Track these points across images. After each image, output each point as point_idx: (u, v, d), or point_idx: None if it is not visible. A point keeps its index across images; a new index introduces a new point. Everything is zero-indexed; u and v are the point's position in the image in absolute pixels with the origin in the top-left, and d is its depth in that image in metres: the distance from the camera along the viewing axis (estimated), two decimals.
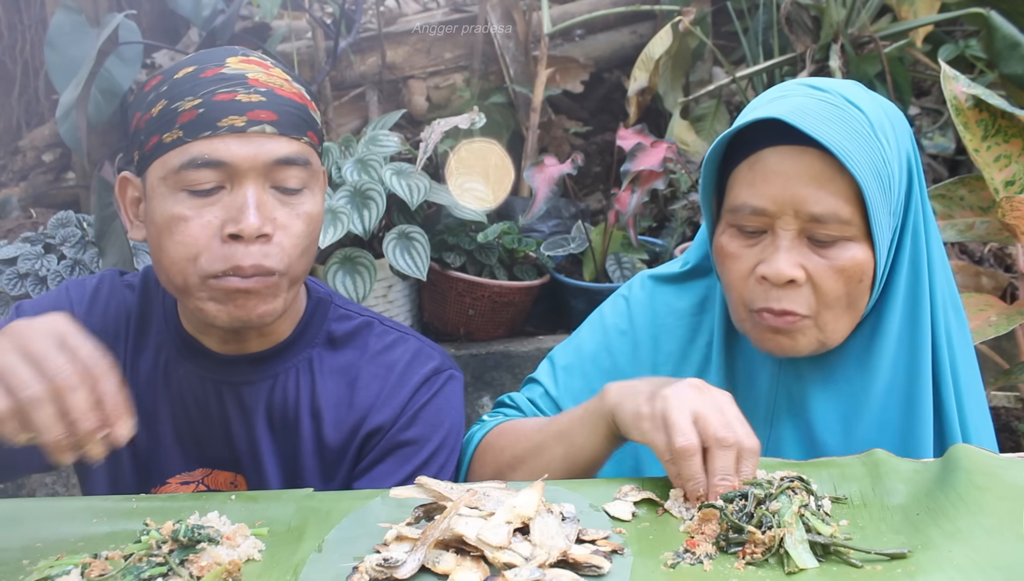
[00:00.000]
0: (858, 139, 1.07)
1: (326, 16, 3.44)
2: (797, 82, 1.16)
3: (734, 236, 1.14)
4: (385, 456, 1.20)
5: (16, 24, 3.95)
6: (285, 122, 1.10)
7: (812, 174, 1.07)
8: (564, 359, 1.35)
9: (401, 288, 2.81)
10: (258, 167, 1.08)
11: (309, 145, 1.14)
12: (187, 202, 1.08)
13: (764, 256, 1.11)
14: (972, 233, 2.20)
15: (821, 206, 1.07)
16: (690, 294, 1.30)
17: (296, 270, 1.13)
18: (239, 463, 1.22)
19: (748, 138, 1.11)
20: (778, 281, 1.09)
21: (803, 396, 1.19)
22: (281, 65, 1.17)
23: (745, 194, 1.11)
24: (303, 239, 1.12)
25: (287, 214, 1.11)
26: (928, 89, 3.64)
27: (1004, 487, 0.94)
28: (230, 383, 1.21)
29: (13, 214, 3.47)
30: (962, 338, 1.21)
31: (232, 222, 1.07)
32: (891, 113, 1.15)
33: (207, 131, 1.07)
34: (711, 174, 1.17)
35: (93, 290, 1.26)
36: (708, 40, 3.30)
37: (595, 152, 3.77)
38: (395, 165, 2.61)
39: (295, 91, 1.14)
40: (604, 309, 1.38)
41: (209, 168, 1.07)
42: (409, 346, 1.26)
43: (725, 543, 0.89)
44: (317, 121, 1.16)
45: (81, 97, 2.57)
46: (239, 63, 1.11)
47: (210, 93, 1.08)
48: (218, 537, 0.91)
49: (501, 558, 0.83)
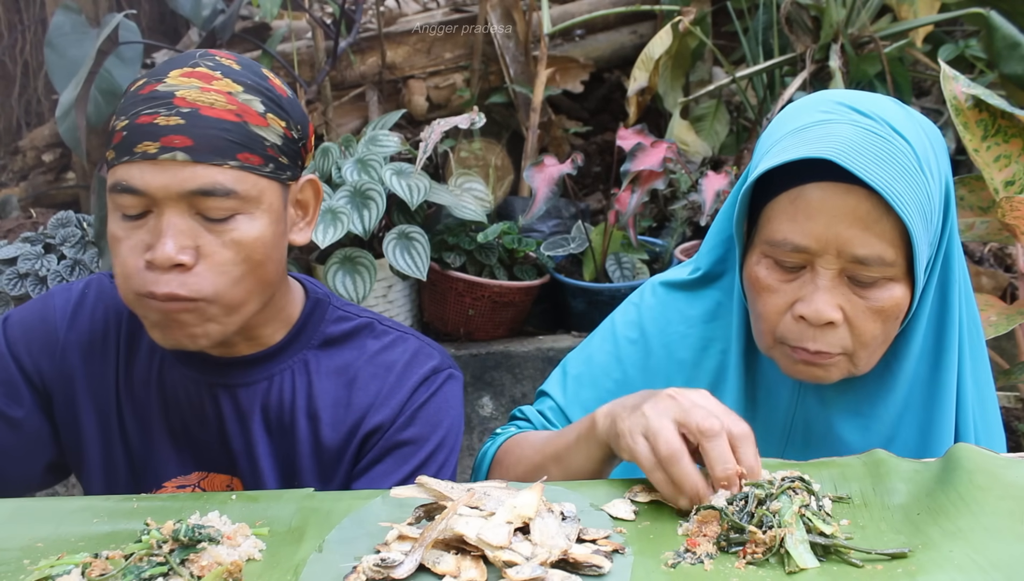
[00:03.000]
0: (906, 177, 1.02)
1: (326, 16, 3.44)
2: (836, 101, 1.10)
3: (771, 268, 1.10)
4: (384, 456, 1.20)
5: (16, 24, 3.95)
6: (203, 147, 1.04)
7: (858, 215, 1.02)
8: (575, 369, 1.33)
9: (401, 288, 2.81)
10: (172, 196, 1.04)
11: (240, 169, 1.06)
12: (121, 223, 1.07)
13: (802, 294, 1.07)
14: (972, 233, 2.20)
15: (866, 249, 1.03)
16: (702, 301, 1.28)
17: (231, 297, 1.08)
18: (235, 466, 1.22)
19: (789, 167, 1.05)
20: (817, 322, 1.06)
21: (824, 416, 1.18)
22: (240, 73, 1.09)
23: (787, 229, 1.06)
24: (233, 267, 1.07)
25: (212, 242, 1.06)
26: (928, 89, 3.64)
27: (1005, 487, 0.94)
28: (225, 386, 1.20)
29: (13, 214, 3.46)
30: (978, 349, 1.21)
31: (150, 250, 1.05)
32: (932, 136, 1.10)
33: (126, 156, 1.04)
34: (745, 201, 1.12)
35: (79, 296, 1.25)
36: (708, 40, 3.30)
37: (595, 152, 3.77)
38: (395, 165, 2.61)
39: (234, 108, 1.06)
40: (615, 317, 1.35)
41: (128, 194, 1.05)
42: (408, 346, 1.25)
43: (726, 543, 0.89)
44: (266, 136, 1.09)
45: (81, 97, 2.57)
46: (178, 77, 1.06)
47: (136, 113, 1.05)
48: (219, 537, 0.91)
49: (502, 557, 0.83)
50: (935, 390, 1.16)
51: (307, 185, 1.18)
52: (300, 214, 1.19)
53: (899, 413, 1.17)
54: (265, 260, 1.11)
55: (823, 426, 1.19)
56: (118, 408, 1.22)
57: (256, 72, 1.12)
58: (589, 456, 1.08)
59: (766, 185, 1.10)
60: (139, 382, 1.22)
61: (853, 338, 1.08)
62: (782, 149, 1.06)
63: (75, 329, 1.23)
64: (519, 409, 1.34)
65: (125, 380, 1.22)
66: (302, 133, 1.15)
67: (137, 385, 1.22)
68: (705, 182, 2.62)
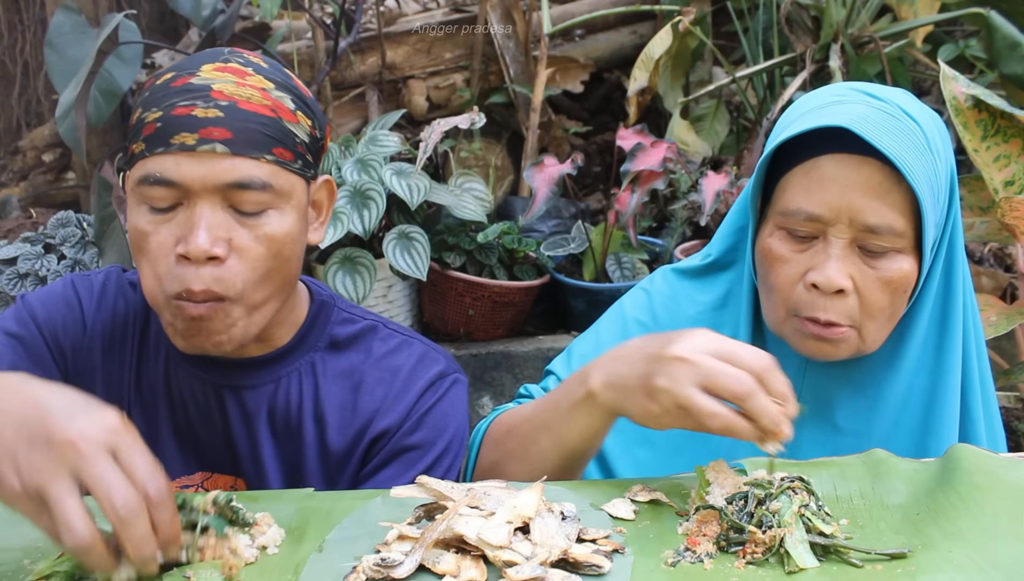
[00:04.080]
0: (916, 152, 1.07)
1: (326, 16, 3.44)
2: (849, 87, 1.15)
3: (784, 239, 1.13)
4: (390, 460, 1.20)
5: (16, 24, 3.95)
6: (242, 140, 1.04)
7: (871, 185, 1.06)
8: (581, 348, 1.34)
9: (401, 288, 2.81)
10: (209, 188, 1.04)
11: (275, 163, 1.07)
12: (148, 217, 1.06)
13: (814, 263, 1.10)
14: (972, 233, 2.21)
15: (878, 218, 1.06)
16: (713, 288, 1.29)
17: (255, 296, 1.08)
18: (239, 467, 1.21)
19: (804, 142, 1.10)
20: (829, 289, 1.08)
21: (828, 396, 1.20)
22: (270, 70, 1.10)
23: (801, 199, 1.10)
24: (263, 262, 1.07)
25: (245, 236, 1.06)
26: (928, 89, 3.64)
27: (1004, 487, 0.94)
28: (231, 387, 1.20)
29: (13, 214, 3.47)
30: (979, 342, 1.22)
31: (182, 242, 1.04)
32: (939, 124, 1.14)
33: (160, 147, 1.04)
34: (761, 175, 1.16)
35: (101, 286, 1.24)
36: (708, 40, 3.31)
37: (595, 152, 3.77)
38: (395, 165, 2.61)
39: (268, 103, 1.07)
40: (624, 302, 1.36)
41: (162, 186, 1.04)
42: (414, 350, 1.25)
43: (726, 543, 0.89)
44: (297, 133, 1.10)
45: (81, 97, 2.58)
46: (212, 71, 1.06)
47: (171, 105, 1.04)
48: (252, 521, 0.91)
49: (502, 557, 0.83)
50: (939, 377, 1.17)
51: (323, 185, 1.19)
52: (315, 214, 1.19)
53: (903, 398, 1.18)
54: (291, 256, 1.11)
55: (829, 405, 1.20)
56: (128, 405, 1.22)
57: (283, 71, 1.13)
58: (589, 426, 1.06)
59: (781, 163, 1.13)
60: (147, 380, 1.22)
61: (862, 309, 1.10)
62: (798, 126, 1.10)
63: (100, 320, 1.22)
64: (525, 387, 1.34)
65: (136, 377, 1.22)
66: (322, 133, 1.17)
67: (145, 383, 1.22)
68: (705, 182, 2.62)
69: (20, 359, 1.16)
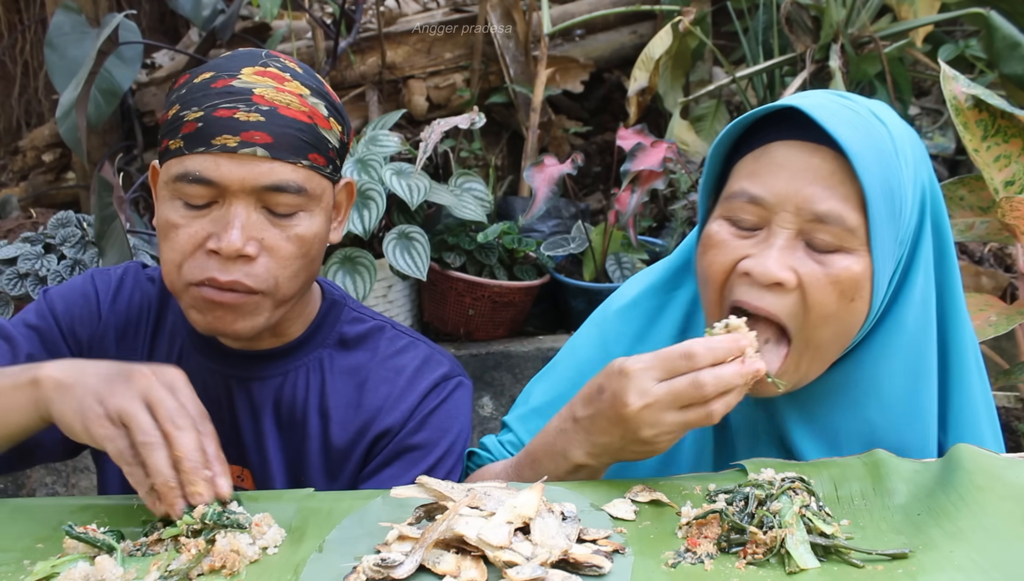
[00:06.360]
0: (876, 150, 1.01)
1: (326, 16, 3.44)
2: (825, 92, 1.10)
3: (724, 225, 1.07)
4: (393, 460, 1.21)
5: (16, 24, 3.95)
6: (281, 145, 1.08)
7: (822, 173, 1.01)
8: (537, 399, 1.29)
9: (401, 288, 2.81)
10: (247, 189, 1.08)
11: (310, 168, 1.11)
12: (181, 211, 1.10)
13: (754, 252, 1.04)
14: (972, 233, 2.20)
15: (826, 206, 1.00)
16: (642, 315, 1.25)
17: (285, 291, 1.12)
18: (246, 458, 1.24)
19: (759, 132, 1.06)
20: (763, 280, 1.02)
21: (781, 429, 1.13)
22: (305, 76, 1.13)
23: (745, 182, 1.05)
24: (293, 261, 1.12)
25: (277, 235, 1.10)
26: (928, 89, 3.64)
27: (1005, 487, 0.94)
28: (240, 378, 1.22)
29: (13, 214, 3.46)
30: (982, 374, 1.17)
31: (215, 238, 1.08)
32: (915, 141, 1.08)
33: (201, 147, 1.07)
34: (715, 167, 1.12)
35: (118, 280, 1.29)
36: (708, 40, 3.30)
37: (595, 152, 3.77)
38: (395, 165, 2.61)
39: (306, 109, 1.11)
40: (576, 342, 1.31)
41: (200, 184, 1.08)
42: (419, 352, 1.27)
43: (726, 543, 0.89)
44: (330, 139, 1.14)
45: (81, 97, 2.57)
46: (252, 75, 1.10)
47: (213, 107, 1.07)
48: (247, 523, 0.93)
49: (502, 557, 0.83)
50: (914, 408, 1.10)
51: (344, 186, 1.23)
52: (335, 214, 1.23)
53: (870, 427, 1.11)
54: (318, 256, 1.16)
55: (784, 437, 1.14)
56: None
57: (315, 76, 1.16)
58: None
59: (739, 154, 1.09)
60: None
61: (804, 309, 1.02)
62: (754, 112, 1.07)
63: (114, 312, 1.27)
64: (482, 441, 1.30)
65: None
66: (348, 138, 1.21)
67: None
68: None
69: (37, 349, 1.23)
